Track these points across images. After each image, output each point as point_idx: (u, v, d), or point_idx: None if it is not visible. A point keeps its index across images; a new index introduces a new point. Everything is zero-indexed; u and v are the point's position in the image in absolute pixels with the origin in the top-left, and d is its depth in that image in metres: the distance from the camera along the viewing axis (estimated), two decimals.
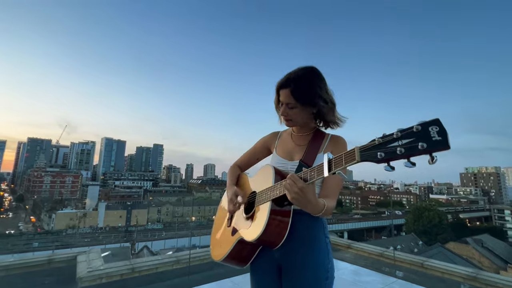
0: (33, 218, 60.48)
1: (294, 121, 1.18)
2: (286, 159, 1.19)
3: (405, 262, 3.91)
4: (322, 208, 0.94)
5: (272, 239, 0.99)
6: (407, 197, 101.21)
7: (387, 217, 59.96)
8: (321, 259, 1.06)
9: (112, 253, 18.16)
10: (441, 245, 22.61)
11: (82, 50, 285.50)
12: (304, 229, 1.08)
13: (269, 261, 1.13)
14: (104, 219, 54.23)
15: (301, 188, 0.87)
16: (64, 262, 3.60)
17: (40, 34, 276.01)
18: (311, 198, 0.89)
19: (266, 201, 1.03)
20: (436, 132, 0.60)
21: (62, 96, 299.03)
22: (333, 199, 1.05)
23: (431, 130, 0.61)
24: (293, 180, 0.88)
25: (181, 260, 3.68)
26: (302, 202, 0.88)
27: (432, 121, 0.62)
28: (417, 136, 0.62)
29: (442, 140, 0.59)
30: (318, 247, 1.07)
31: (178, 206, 64.94)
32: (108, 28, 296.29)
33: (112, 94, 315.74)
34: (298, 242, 1.07)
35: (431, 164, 0.61)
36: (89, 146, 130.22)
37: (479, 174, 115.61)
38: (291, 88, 1.11)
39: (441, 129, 0.60)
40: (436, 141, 0.59)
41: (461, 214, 63.96)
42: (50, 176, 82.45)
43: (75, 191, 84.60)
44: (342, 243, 4.87)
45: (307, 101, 1.11)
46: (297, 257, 1.06)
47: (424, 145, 0.60)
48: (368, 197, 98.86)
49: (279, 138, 1.32)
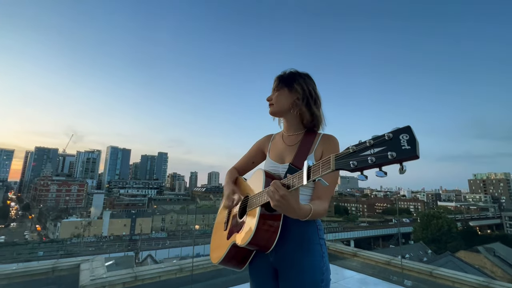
0: (39, 226, 60.84)
1: (275, 105, 1.23)
2: (278, 162, 1.20)
3: (413, 271, 3.80)
4: (308, 213, 0.94)
5: (262, 243, 1.01)
6: (414, 204, 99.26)
7: (394, 225, 58.77)
8: (316, 262, 1.05)
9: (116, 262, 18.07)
10: (451, 254, 21.94)
11: (90, 60, 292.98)
12: (297, 232, 1.08)
13: (266, 264, 1.13)
14: (109, 227, 54.26)
15: (283, 196, 0.87)
16: (67, 270, 3.59)
17: (48, 45, 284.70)
18: (294, 205, 0.89)
19: (256, 206, 1.04)
20: (406, 141, 0.59)
21: (69, 105, 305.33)
22: (325, 200, 1.06)
23: (401, 138, 0.60)
24: (275, 187, 0.89)
25: (184, 269, 3.64)
26: (284, 209, 0.89)
27: (403, 128, 0.61)
28: (388, 145, 0.62)
29: (410, 149, 0.58)
30: (312, 249, 1.07)
31: (182, 214, 64.75)
32: (114, 38, 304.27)
33: (119, 103, 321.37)
34: (291, 245, 1.06)
35: (401, 174, 0.61)
36: (94, 154, 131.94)
37: (488, 180, 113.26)
38: (281, 75, 1.25)
39: (411, 138, 0.59)
40: (405, 150, 0.58)
41: (471, 221, 62.44)
42: (56, 185, 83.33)
43: (81, 199, 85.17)
44: (348, 251, 4.77)
45: (288, 84, 1.20)
46: (291, 260, 1.05)
47: (394, 154, 0.60)
48: (374, 205, 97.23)
49: (272, 141, 1.33)
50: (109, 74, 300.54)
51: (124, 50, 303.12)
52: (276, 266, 1.10)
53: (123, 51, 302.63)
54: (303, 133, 1.22)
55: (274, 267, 1.11)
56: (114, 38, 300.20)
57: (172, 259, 29.08)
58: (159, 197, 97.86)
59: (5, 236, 50.11)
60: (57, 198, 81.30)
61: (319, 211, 0.99)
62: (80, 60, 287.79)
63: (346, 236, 51.54)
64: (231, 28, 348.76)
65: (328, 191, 1.09)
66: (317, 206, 0.99)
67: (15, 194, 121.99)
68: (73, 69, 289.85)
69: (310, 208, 0.95)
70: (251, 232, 0.98)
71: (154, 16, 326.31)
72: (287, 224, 1.04)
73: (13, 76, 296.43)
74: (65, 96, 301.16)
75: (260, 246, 1.02)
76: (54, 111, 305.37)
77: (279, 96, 1.21)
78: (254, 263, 1.17)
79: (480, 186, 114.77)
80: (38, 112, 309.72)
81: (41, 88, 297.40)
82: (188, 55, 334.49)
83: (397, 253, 19.34)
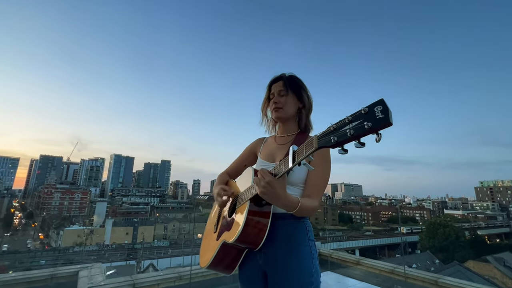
0: (42, 235, 60.74)
1: (285, 110, 1.21)
2: (269, 161, 1.21)
3: (418, 280, 3.69)
4: (295, 205, 0.94)
5: (250, 239, 1.00)
6: (420, 212, 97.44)
7: (399, 234, 57.57)
8: (304, 264, 1.03)
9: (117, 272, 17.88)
10: (459, 263, 21.35)
11: (95, 69, 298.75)
12: (286, 233, 1.06)
13: (255, 268, 1.12)
14: (111, 236, 53.94)
15: (269, 182, 0.87)
16: (66, 277, 3.55)
17: (53, 53, 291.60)
18: (280, 192, 0.89)
19: (244, 202, 1.04)
20: (380, 111, 0.63)
21: (74, 114, 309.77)
22: (315, 198, 1.05)
23: (376, 110, 0.63)
24: (262, 174, 0.89)
25: (183, 276, 3.58)
26: (270, 196, 0.89)
27: (377, 101, 0.65)
28: (364, 118, 0.65)
29: (384, 117, 0.62)
30: (302, 251, 1.05)
31: (185, 223, 64.24)
32: (119, 46, 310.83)
33: (123, 111, 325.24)
34: (280, 247, 1.05)
35: (378, 143, 0.64)
36: (98, 162, 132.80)
37: (496, 187, 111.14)
38: (283, 80, 1.24)
39: (384, 108, 0.63)
40: (380, 118, 0.62)
41: (479, 230, 60.94)
42: (60, 193, 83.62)
43: (84, 207, 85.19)
44: (351, 260, 4.67)
45: (296, 90, 1.22)
46: (280, 263, 1.04)
47: (370, 124, 0.63)
48: (379, 213, 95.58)
49: (264, 143, 1.34)
50: (114, 83, 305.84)
51: (128, 58, 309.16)
52: (265, 269, 1.08)
53: (128, 60, 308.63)
54: (296, 134, 1.24)
55: (263, 270, 1.10)
56: (118, 46, 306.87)
57: (174, 268, 28.52)
58: (162, 205, 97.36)
59: (8, 244, 50.02)
60: (60, 206, 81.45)
61: (307, 207, 0.98)
62: (85, 68, 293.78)
63: (351, 245, 50.51)
64: (236, 34, 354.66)
65: (318, 190, 1.08)
66: (306, 201, 0.99)
67: (19, 202, 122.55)
68: (79, 78, 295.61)
69: (297, 201, 0.95)
70: (240, 227, 0.98)
71: (158, 25, 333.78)
72: (275, 224, 1.04)
73: (19, 84, 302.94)
74: (71, 104, 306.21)
75: (249, 242, 1.01)
76: (60, 120, 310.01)
77: (288, 101, 1.21)
78: (244, 268, 1.15)
79: (487, 194, 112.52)
80: (44, 121, 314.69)
81: (47, 96, 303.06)
82: (192, 64, 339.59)
83: (404, 262, 18.85)
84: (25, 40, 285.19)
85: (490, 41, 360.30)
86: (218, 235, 1.18)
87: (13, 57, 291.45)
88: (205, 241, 1.32)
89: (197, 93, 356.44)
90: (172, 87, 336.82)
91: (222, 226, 1.18)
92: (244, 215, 0.99)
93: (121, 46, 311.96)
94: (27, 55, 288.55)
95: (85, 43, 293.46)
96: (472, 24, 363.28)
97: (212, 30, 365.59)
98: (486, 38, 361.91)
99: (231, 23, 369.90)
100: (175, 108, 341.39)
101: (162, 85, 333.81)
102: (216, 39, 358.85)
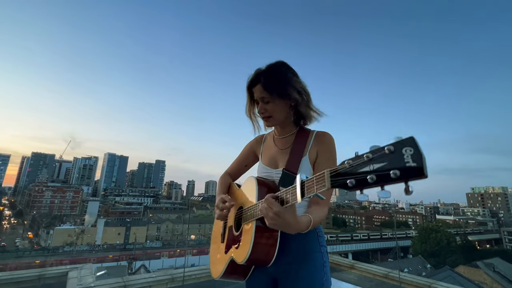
0: (31, 234, 59.45)
1: (274, 117, 1.09)
2: (271, 167, 1.14)
3: (412, 285, 3.70)
4: (308, 225, 0.87)
5: (262, 258, 0.95)
6: (413, 217, 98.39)
7: (392, 238, 58.01)
8: (316, 273, 1.00)
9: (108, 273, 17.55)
10: (450, 268, 21.58)
11: (90, 67, 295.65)
12: (297, 241, 1.02)
13: (265, 275, 1.08)
14: (102, 236, 53.09)
15: (277, 213, 0.78)
16: (55, 278, 3.46)
17: (47, 51, 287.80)
18: (291, 221, 0.81)
19: (250, 220, 0.98)
20: (411, 156, 0.49)
21: (68, 111, 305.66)
22: (323, 205, 1.00)
23: (404, 152, 0.50)
24: (268, 204, 0.80)
25: (175, 278, 3.52)
26: (280, 227, 0.81)
27: (405, 140, 0.51)
28: (389, 160, 0.52)
29: (416, 166, 0.48)
30: (314, 258, 1.02)
31: (178, 224, 63.64)
32: (114, 45, 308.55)
33: (118, 110, 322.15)
34: (291, 256, 1.02)
35: (408, 195, 0.51)
36: (91, 161, 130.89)
37: (486, 194, 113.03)
38: (262, 81, 1.06)
39: (416, 152, 0.49)
40: (410, 167, 0.49)
41: (470, 236, 61.81)
42: (51, 191, 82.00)
43: (75, 206, 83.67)
44: (345, 263, 4.66)
45: (281, 92, 1.04)
46: (290, 271, 1.01)
47: (397, 172, 0.50)
48: (372, 217, 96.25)
49: (264, 143, 1.26)
50: (110, 81, 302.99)
51: (124, 57, 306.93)
52: (275, 276, 1.05)
53: (123, 58, 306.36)
54: (295, 134, 1.14)
55: (273, 277, 1.06)
56: (113, 45, 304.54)
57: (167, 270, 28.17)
58: (155, 205, 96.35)
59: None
60: (51, 204, 79.83)
61: (319, 219, 0.93)
62: (80, 66, 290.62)
63: (344, 248, 50.70)
64: (232, 35, 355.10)
65: (326, 195, 1.03)
66: (317, 213, 0.93)
67: (9, 200, 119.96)
68: (74, 75, 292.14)
69: (309, 220, 0.88)
70: (248, 249, 0.91)
71: (154, 24, 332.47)
72: (285, 237, 0.97)
73: (12, 81, 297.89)
74: (65, 102, 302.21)
75: (260, 261, 0.97)
76: (54, 117, 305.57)
77: (276, 107, 1.07)
78: (252, 273, 1.12)
79: (478, 200, 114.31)
80: (38, 118, 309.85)
81: (41, 93, 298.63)
82: (188, 63, 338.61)
83: (396, 266, 18.95)
84: (20, 37, 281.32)
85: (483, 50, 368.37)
86: (226, 248, 1.12)
87: (7, 53, 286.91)
88: (214, 246, 1.27)
89: (194, 93, 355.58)
90: (168, 86, 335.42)
91: (229, 240, 1.12)
92: (251, 236, 0.93)
93: (117, 45, 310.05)
94: (21, 51, 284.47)
95: (80, 40, 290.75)
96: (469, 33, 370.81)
97: (211, 30, 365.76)
98: (478, 47, 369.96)
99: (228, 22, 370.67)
100: (171, 108, 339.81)
101: (158, 84, 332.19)
102: (210, 38, 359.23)
